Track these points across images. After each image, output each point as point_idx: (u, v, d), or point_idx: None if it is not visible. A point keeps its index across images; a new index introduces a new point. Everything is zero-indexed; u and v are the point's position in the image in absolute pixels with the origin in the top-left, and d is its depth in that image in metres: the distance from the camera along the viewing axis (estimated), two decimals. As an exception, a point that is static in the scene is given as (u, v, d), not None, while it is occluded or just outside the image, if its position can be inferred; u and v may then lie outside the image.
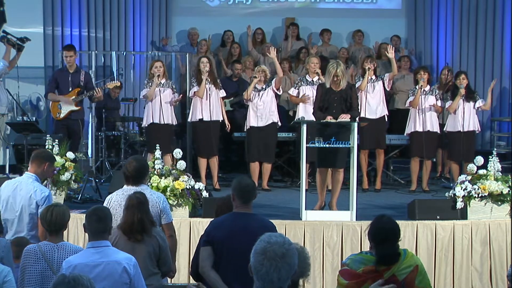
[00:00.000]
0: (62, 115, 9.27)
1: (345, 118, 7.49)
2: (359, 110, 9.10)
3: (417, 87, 9.20)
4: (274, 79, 9.34)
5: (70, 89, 9.28)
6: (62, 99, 9.27)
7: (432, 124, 9.25)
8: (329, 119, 7.52)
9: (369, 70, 9.18)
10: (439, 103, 9.30)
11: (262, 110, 9.19)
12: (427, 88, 9.28)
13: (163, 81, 9.18)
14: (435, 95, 9.30)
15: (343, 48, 11.53)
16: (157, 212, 5.42)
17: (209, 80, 9.22)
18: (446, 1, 12.20)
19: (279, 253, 2.87)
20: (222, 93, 9.40)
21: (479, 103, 9.30)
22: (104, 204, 5.45)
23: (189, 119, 9.54)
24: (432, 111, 9.23)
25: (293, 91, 9.27)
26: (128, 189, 5.37)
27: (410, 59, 11.12)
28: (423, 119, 9.18)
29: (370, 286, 3.58)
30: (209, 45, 11.32)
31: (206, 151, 9.30)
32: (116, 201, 5.35)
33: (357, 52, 11.48)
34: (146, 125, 9.25)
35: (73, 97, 9.23)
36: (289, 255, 2.89)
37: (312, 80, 9.05)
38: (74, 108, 9.26)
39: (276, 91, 9.28)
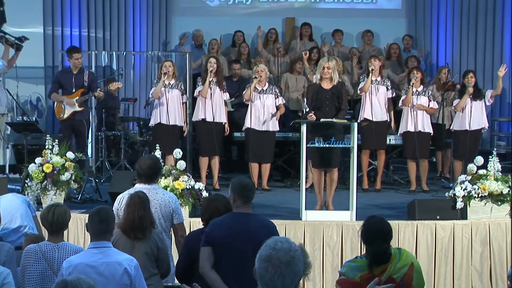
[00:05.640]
0: (65, 115, 9.25)
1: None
2: (364, 112, 9.17)
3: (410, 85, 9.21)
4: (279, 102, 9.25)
5: (74, 90, 9.25)
6: (65, 100, 9.24)
7: (423, 124, 9.21)
8: (310, 117, 7.55)
9: (372, 71, 9.12)
10: (431, 104, 9.28)
11: (262, 115, 9.14)
12: (420, 88, 9.26)
13: (172, 81, 9.12)
14: (428, 96, 9.28)
15: (354, 48, 11.36)
16: (169, 212, 5.43)
17: (215, 81, 9.22)
18: (446, 1, 12.19)
19: (284, 261, 2.80)
20: (226, 96, 9.36)
21: (489, 94, 9.30)
22: (116, 204, 5.45)
23: (192, 118, 9.55)
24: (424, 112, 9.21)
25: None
26: (140, 188, 5.36)
27: (418, 59, 11.08)
28: (415, 119, 9.17)
29: (368, 286, 3.54)
30: (220, 45, 11.29)
31: (208, 150, 9.27)
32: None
33: (367, 53, 11.26)
34: (153, 125, 9.23)
35: (77, 97, 9.22)
36: (294, 263, 2.82)
37: None
38: (78, 109, 9.24)
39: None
